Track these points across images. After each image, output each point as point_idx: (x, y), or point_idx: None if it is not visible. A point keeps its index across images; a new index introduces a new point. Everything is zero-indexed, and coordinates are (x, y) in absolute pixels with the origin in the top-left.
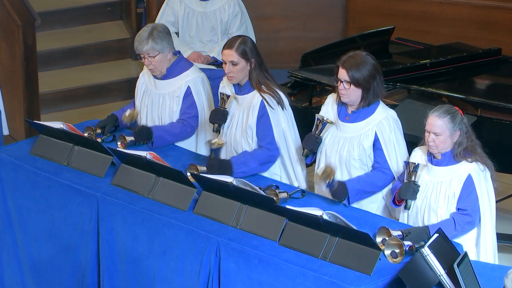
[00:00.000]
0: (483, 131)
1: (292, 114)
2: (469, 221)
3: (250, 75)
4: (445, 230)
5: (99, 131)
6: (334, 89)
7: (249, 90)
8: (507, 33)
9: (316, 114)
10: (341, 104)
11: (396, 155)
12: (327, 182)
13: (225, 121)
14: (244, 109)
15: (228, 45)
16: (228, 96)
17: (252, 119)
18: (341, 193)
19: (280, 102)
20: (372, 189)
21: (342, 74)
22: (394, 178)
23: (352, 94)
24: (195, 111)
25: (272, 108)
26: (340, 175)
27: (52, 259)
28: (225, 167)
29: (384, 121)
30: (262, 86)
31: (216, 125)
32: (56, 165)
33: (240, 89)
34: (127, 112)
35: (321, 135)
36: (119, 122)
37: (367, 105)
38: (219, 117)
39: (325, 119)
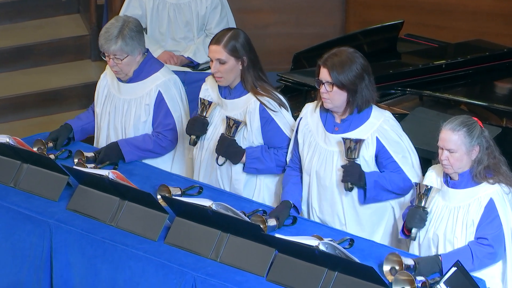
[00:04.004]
0: (509, 144)
1: (293, 120)
2: (490, 252)
3: (243, 76)
4: (460, 261)
5: (51, 144)
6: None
7: (242, 93)
8: None
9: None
10: (326, 112)
11: (408, 149)
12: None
13: (205, 133)
14: (235, 115)
15: (215, 40)
16: (210, 103)
17: (253, 127)
18: (355, 173)
19: (282, 104)
20: (392, 189)
21: (324, 74)
22: (415, 181)
23: (336, 98)
24: (173, 122)
25: (274, 111)
26: (339, 197)
27: None
28: (236, 153)
29: (385, 125)
30: (258, 88)
31: (193, 137)
32: (1, 187)
33: (229, 92)
34: None
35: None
36: (74, 133)
37: (357, 112)
38: (197, 127)
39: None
